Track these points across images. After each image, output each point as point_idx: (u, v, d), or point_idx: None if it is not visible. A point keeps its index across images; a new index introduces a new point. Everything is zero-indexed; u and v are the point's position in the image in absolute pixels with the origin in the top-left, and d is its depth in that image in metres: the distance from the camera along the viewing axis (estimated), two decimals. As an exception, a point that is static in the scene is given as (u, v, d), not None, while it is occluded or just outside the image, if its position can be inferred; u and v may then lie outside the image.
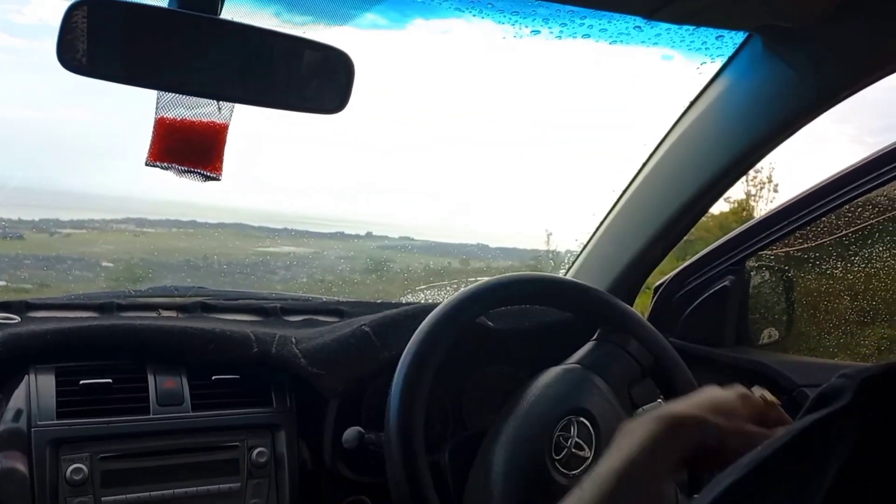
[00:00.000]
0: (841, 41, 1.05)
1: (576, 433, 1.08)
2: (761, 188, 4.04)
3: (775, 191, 3.95)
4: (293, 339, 1.26)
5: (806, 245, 1.55)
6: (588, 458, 1.07)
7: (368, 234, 2.61)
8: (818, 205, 1.38)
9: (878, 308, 1.61)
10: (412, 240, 2.64)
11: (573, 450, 1.07)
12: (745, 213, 3.81)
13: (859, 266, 1.55)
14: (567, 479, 1.05)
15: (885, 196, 1.44)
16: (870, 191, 1.34)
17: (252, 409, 1.19)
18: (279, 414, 1.21)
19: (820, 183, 1.39)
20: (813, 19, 1.02)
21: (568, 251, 2.02)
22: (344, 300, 1.55)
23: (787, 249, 1.57)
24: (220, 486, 1.12)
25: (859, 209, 1.47)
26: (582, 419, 1.09)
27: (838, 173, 1.37)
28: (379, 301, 1.60)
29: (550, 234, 2.43)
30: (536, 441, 1.07)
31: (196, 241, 2.24)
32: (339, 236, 2.53)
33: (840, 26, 1.01)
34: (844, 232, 1.52)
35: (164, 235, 2.37)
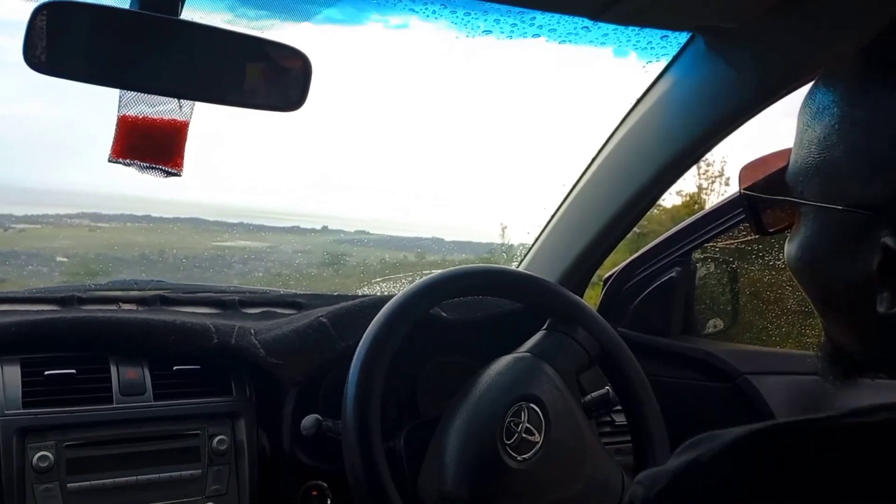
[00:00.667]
0: (779, 40, 1.09)
1: (526, 419, 1.13)
2: (713, 182, 4.14)
3: (727, 184, 4.05)
4: (252, 331, 1.29)
5: (749, 237, 1.62)
6: (538, 442, 1.12)
7: (325, 229, 2.62)
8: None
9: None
10: (368, 234, 2.67)
11: (523, 435, 1.12)
12: (696, 206, 3.90)
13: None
14: (517, 462, 1.10)
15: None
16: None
17: (212, 398, 1.22)
18: (239, 403, 1.24)
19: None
20: (751, 19, 1.07)
21: (521, 244, 2.07)
22: (301, 293, 1.58)
23: (731, 242, 1.64)
24: (182, 472, 1.15)
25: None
26: (532, 405, 1.14)
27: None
28: (336, 293, 1.63)
29: (505, 227, 2.48)
30: (488, 426, 1.11)
31: (152, 236, 2.24)
32: (296, 230, 2.54)
33: (778, 26, 1.06)
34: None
35: (120, 230, 2.37)
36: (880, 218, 0.48)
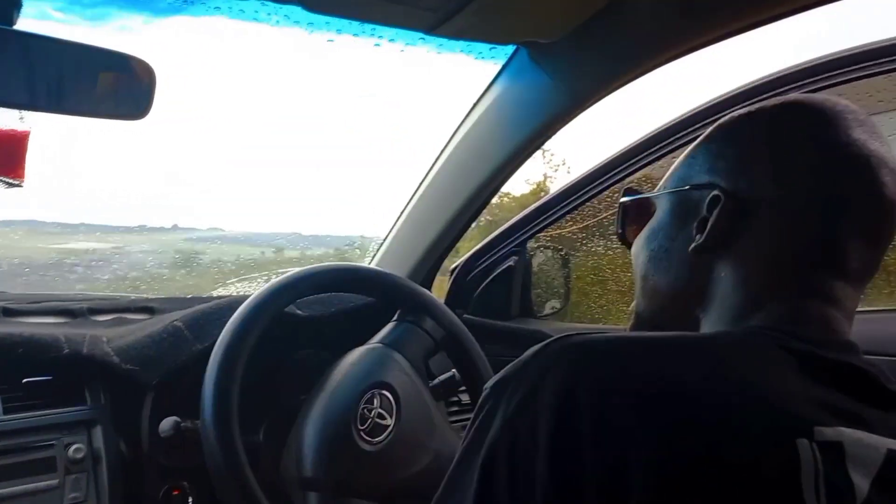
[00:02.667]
0: (589, 55, 1.24)
1: (378, 404, 1.21)
2: (556, 169, 4.38)
3: (568, 172, 4.31)
4: (104, 339, 1.29)
5: (574, 227, 1.78)
6: (390, 425, 1.20)
7: (175, 227, 2.51)
8: (582, 191, 1.61)
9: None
10: (222, 230, 2.59)
11: (377, 420, 1.20)
12: (542, 193, 4.13)
13: (617, 243, 1.80)
14: (372, 445, 1.18)
15: (637, 181, 1.69)
16: (622, 179, 1.58)
17: (66, 407, 1.21)
18: (94, 410, 1.23)
19: (583, 173, 1.61)
20: (562, 37, 1.20)
21: (378, 237, 2.14)
22: (153, 297, 1.58)
23: (560, 231, 1.79)
24: (38, 483, 1.13)
25: (616, 194, 1.72)
26: (384, 392, 1.22)
27: (598, 164, 1.60)
28: (189, 296, 1.63)
29: (362, 220, 2.52)
30: (343, 414, 1.18)
31: (-18, 242, 2.11)
32: (143, 230, 2.42)
33: (588, 42, 1.20)
34: (605, 214, 1.76)
35: (-56, 239, 2.21)
36: (713, 188, 0.68)
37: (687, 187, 0.71)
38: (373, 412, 1.20)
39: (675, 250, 0.71)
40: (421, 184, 1.61)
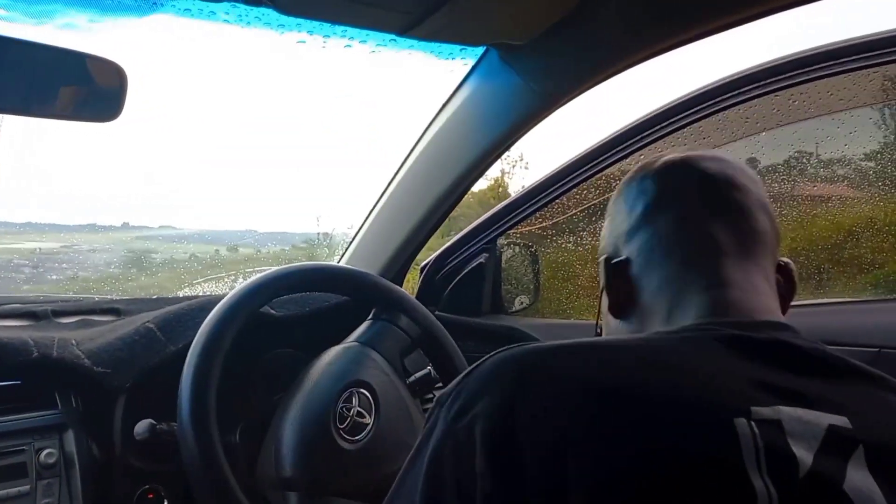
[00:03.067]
0: (559, 56, 1.26)
1: (357, 403, 1.22)
2: (514, 166, 4.43)
3: (526, 168, 4.36)
4: (73, 341, 1.27)
5: (545, 224, 1.81)
6: (369, 423, 1.21)
7: (126, 225, 2.45)
8: (551, 189, 1.63)
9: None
10: (174, 228, 2.56)
11: (356, 418, 1.20)
12: (500, 189, 4.18)
13: (587, 239, 1.83)
14: (351, 443, 1.19)
15: (604, 179, 1.72)
16: (591, 176, 1.61)
17: (37, 412, 1.19)
18: (65, 414, 1.22)
19: (552, 171, 1.63)
20: (532, 38, 1.22)
21: (335, 231, 2.13)
22: (118, 298, 1.56)
23: (530, 228, 1.82)
24: (9, 490, 1.12)
25: (584, 191, 1.75)
26: (362, 390, 1.23)
27: (566, 162, 1.62)
28: (155, 297, 1.62)
29: (319, 217, 2.51)
30: (322, 413, 1.18)
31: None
32: (93, 228, 2.38)
33: (558, 43, 1.22)
34: (574, 211, 1.79)
35: None
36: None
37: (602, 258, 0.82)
38: (352, 411, 1.20)
39: (606, 316, 0.81)
40: (391, 182, 1.62)
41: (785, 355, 0.62)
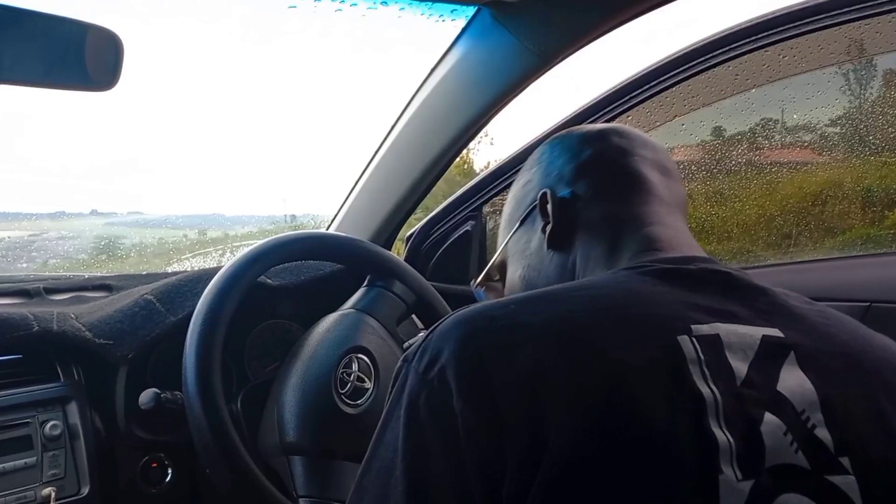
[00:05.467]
0: (554, 13, 1.25)
1: (357, 368, 1.24)
2: (479, 142, 4.42)
3: (491, 143, 4.35)
4: (73, 315, 1.28)
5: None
6: (370, 388, 1.24)
7: (93, 212, 2.45)
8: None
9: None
10: (142, 214, 2.55)
11: (356, 383, 1.23)
12: (465, 166, 4.19)
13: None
14: (353, 408, 1.21)
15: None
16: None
17: (39, 385, 1.20)
18: (67, 387, 1.23)
19: (534, 137, 1.65)
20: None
21: (302, 213, 2.13)
22: (109, 275, 1.56)
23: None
24: (16, 462, 1.13)
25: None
26: (361, 356, 1.25)
27: (548, 128, 1.63)
28: (145, 273, 1.62)
29: (286, 199, 2.52)
30: (322, 379, 1.20)
31: None
32: (61, 216, 2.36)
33: (549, 0, 1.23)
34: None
35: None
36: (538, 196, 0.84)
37: (528, 210, 0.88)
38: (352, 376, 1.23)
39: (535, 258, 0.86)
40: (380, 148, 1.62)
41: (716, 281, 0.69)
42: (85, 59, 1.06)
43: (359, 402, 1.22)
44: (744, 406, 0.58)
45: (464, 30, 1.40)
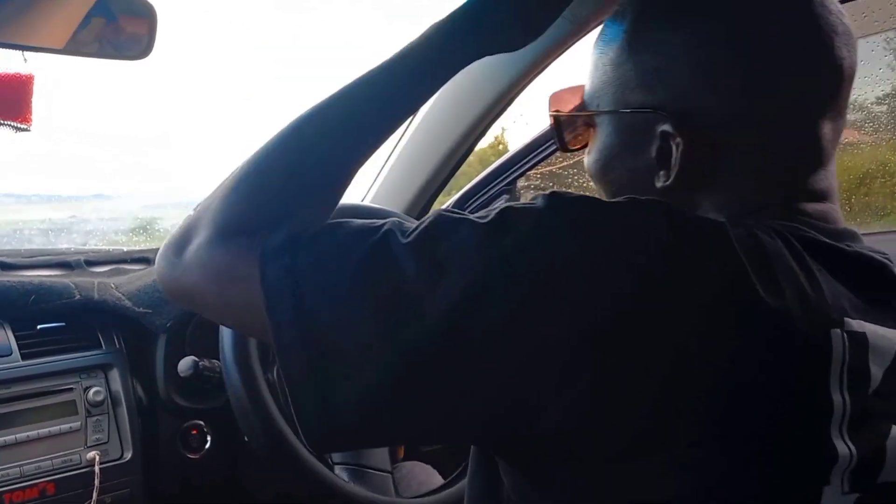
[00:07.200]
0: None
1: None
2: (514, 122, 4.40)
3: (527, 125, 4.33)
4: (113, 285, 1.30)
5: (565, 163, 1.81)
6: None
7: (133, 194, 2.52)
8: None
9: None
10: (179, 194, 2.59)
11: None
12: (501, 147, 4.17)
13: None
14: None
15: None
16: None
17: (82, 352, 1.23)
18: (109, 354, 1.26)
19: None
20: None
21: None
22: (147, 248, 1.58)
23: (551, 168, 1.82)
24: (62, 426, 1.16)
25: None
26: None
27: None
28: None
29: None
30: None
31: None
32: (100, 197, 2.42)
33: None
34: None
35: None
36: (659, 115, 0.62)
37: (628, 111, 0.64)
38: None
39: (638, 183, 0.65)
40: (411, 122, 1.62)
41: (864, 269, 0.59)
42: (121, 28, 1.07)
43: None
44: (873, 417, 0.54)
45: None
